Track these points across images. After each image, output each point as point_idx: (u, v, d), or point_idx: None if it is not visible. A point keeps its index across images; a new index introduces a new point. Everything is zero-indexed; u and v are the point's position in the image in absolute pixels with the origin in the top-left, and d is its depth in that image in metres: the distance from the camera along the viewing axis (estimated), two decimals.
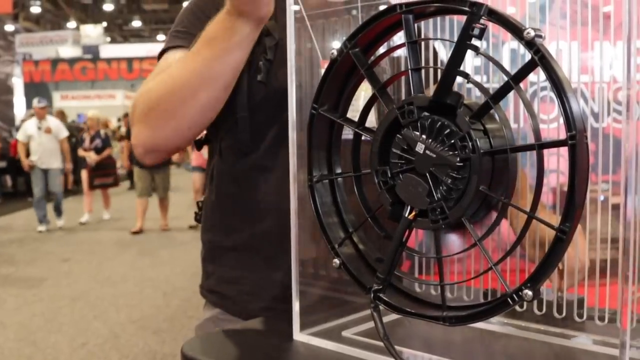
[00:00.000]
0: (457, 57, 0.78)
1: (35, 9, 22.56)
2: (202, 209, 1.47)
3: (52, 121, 9.32)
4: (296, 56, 1.02)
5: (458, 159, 0.78)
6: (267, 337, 1.12)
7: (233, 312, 1.37)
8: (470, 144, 0.77)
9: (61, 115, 13.56)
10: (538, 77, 0.97)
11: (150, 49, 21.61)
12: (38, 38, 21.87)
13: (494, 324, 1.06)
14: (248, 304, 1.35)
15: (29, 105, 17.88)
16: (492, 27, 0.78)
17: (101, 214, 10.12)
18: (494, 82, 1.07)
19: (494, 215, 0.83)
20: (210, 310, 1.42)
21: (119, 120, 16.83)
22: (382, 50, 0.94)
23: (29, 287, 6.14)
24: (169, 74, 1.22)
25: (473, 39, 0.76)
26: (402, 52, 1.18)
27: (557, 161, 0.99)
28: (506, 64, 1.09)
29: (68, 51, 21.31)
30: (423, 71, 0.87)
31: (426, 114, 0.82)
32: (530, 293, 0.75)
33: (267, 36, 1.28)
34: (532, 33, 0.71)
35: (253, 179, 1.33)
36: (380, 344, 0.88)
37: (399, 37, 0.90)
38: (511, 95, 0.78)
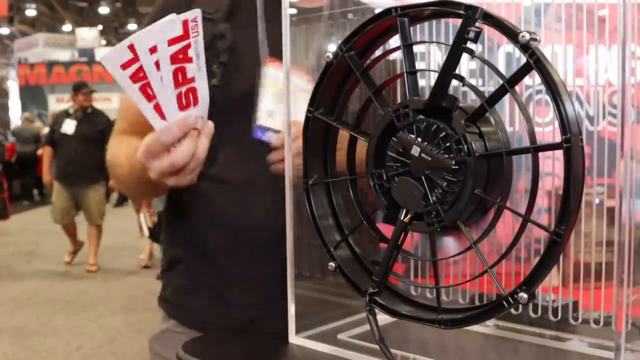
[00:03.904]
0: (453, 60, 0.78)
1: (31, 12, 22.52)
2: (160, 222, 1.49)
3: None
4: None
5: (453, 162, 0.78)
6: (263, 341, 1.12)
7: (187, 324, 1.35)
8: (465, 147, 0.77)
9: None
10: (533, 80, 0.98)
11: None
12: (25, 43, 21.76)
13: (489, 327, 1.06)
14: (204, 316, 1.33)
15: (24, 108, 17.84)
16: (488, 31, 0.78)
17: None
18: (490, 86, 1.08)
19: (490, 218, 0.83)
20: (166, 322, 1.39)
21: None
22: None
23: (24, 290, 6.12)
24: (114, 159, 1.31)
25: (468, 42, 0.77)
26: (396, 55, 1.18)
27: (552, 164, 0.99)
28: (501, 68, 1.10)
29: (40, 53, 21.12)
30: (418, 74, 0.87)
31: (422, 117, 0.82)
32: (525, 296, 0.75)
33: (220, 39, 1.26)
34: (528, 36, 0.71)
35: (209, 191, 1.29)
36: (376, 346, 0.88)
37: (395, 40, 0.90)
38: (507, 98, 0.78)
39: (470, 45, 0.77)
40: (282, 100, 1.20)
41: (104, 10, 23.85)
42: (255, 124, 1.23)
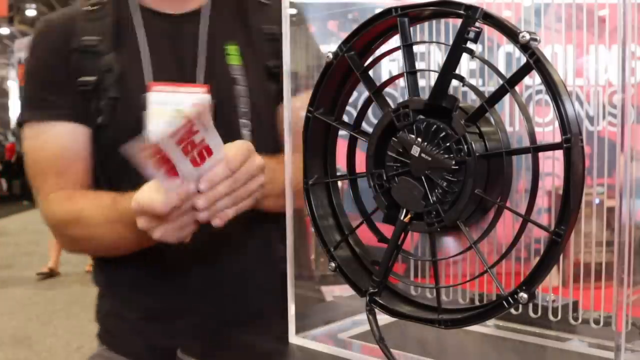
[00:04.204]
0: (453, 60, 0.78)
1: (31, 12, 22.52)
2: None
3: None
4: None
5: (453, 162, 0.78)
6: (263, 341, 1.12)
7: (115, 350, 1.33)
8: (465, 147, 0.77)
9: None
10: (533, 80, 0.97)
11: None
12: (25, 43, 21.71)
13: (489, 327, 1.06)
14: (129, 345, 1.31)
15: None
16: (487, 31, 0.78)
17: None
18: (490, 86, 1.08)
19: (490, 218, 0.83)
20: (99, 346, 1.37)
21: None
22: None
23: (24, 290, 6.12)
24: (72, 216, 1.19)
25: (468, 42, 0.76)
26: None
27: (552, 164, 0.99)
28: (501, 68, 1.10)
29: None
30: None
31: (421, 117, 0.82)
32: (525, 296, 0.75)
33: (108, 72, 1.17)
34: (528, 36, 0.71)
35: None
36: (376, 346, 0.88)
37: (395, 40, 0.90)
38: (507, 98, 0.78)
39: (470, 45, 0.77)
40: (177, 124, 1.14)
41: None
42: None
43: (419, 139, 0.81)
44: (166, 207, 0.94)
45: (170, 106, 1.13)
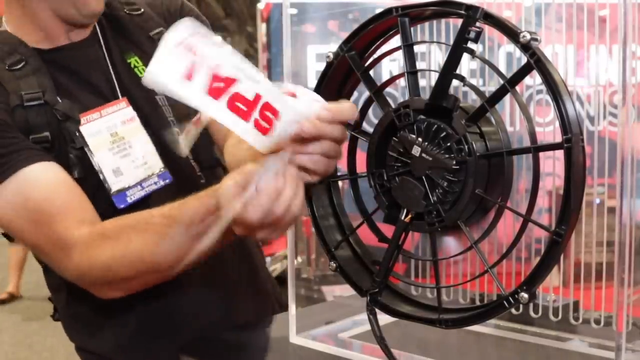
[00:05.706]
0: (453, 60, 0.78)
1: None
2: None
3: None
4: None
5: (454, 162, 0.78)
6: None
7: None
8: (466, 147, 0.78)
9: None
10: (534, 80, 0.97)
11: None
12: None
13: (490, 327, 1.06)
14: None
15: None
16: (488, 30, 0.78)
17: None
18: (490, 86, 1.08)
19: (490, 218, 0.83)
20: None
21: None
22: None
23: (24, 290, 6.11)
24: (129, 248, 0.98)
25: (469, 42, 0.77)
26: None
27: (552, 164, 0.99)
28: (502, 68, 1.10)
29: None
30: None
31: (422, 117, 0.82)
32: (526, 296, 0.75)
33: (66, 121, 1.08)
34: (528, 36, 0.71)
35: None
36: (377, 346, 0.88)
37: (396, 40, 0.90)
38: (507, 98, 0.78)
39: (470, 45, 0.77)
40: (120, 150, 1.10)
41: None
42: (111, 194, 1.08)
43: (420, 139, 0.81)
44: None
45: (104, 132, 1.10)
